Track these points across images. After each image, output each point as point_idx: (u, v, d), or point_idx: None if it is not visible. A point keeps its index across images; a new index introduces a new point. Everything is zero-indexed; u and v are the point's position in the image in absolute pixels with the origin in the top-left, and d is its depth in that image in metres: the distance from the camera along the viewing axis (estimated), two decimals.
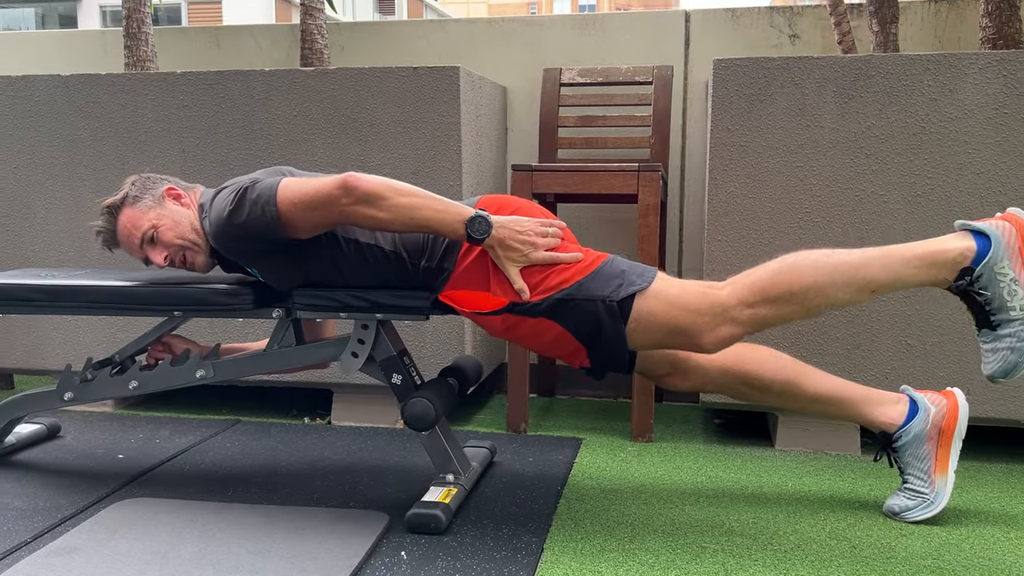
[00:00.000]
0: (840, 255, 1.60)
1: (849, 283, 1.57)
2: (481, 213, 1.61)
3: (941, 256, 1.56)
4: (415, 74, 2.27)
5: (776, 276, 1.59)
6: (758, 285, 1.59)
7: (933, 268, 1.57)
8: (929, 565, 1.56)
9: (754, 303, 1.58)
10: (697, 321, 1.59)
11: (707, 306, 1.59)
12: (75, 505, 1.83)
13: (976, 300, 1.57)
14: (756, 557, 1.59)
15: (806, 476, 2.02)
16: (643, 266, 1.67)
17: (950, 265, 1.56)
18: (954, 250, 1.56)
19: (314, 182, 1.62)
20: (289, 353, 1.89)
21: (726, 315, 1.59)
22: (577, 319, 1.63)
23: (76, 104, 2.46)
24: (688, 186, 2.75)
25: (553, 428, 2.42)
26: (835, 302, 1.59)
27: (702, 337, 1.60)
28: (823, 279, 1.57)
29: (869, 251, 1.60)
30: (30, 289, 1.88)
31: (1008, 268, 1.54)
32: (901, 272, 1.57)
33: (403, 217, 1.60)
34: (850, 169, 2.08)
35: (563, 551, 1.62)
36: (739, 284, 1.61)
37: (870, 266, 1.57)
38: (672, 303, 1.60)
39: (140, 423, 2.45)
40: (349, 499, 1.87)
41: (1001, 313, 1.55)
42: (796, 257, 1.61)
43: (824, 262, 1.59)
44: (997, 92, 1.99)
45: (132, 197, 1.82)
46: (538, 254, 1.63)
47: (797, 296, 1.58)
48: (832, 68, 2.05)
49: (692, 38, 2.73)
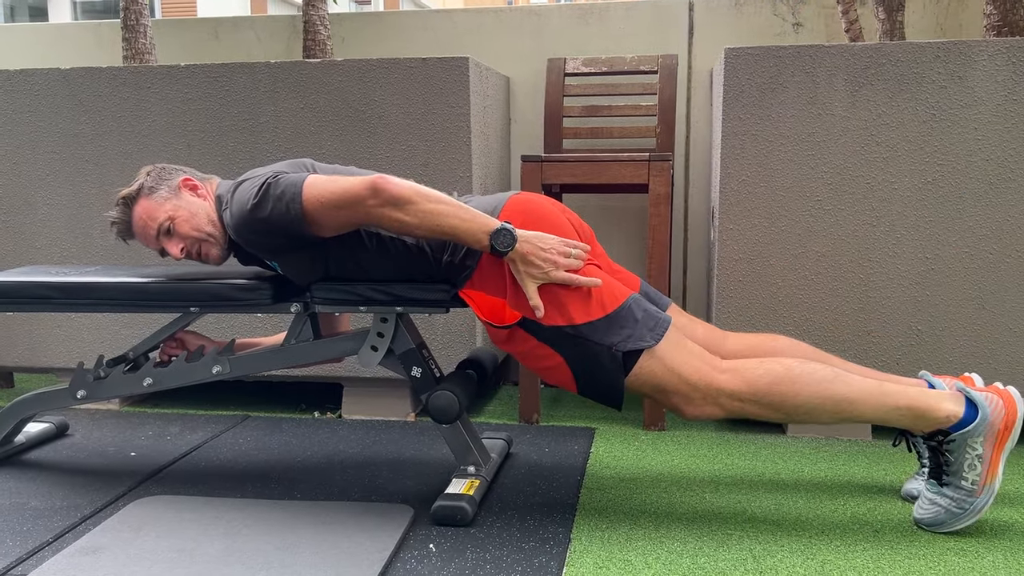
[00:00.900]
0: (839, 387, 1.61)
1: (836, 413, 1.62)
2: (507, 226, 1.60)
3: (930, 414, 1.61)
4: (424, 65, 2.25)
5: (776, 385, 1.61)
6: (757, 385, 1.61)
7: (917, 420, 1.62)
8: (952, 547, 1.58)
9: (745, 399, 1.61)
10: (689, 394, 1.62)
11: (703, 384, 1.61)
12: (93, 504, 1.82)
13: (939, 457, 1.62)
14: (781, 543, 1.60)
15: (821, 462, 2.04)
16: (657, 318, 1.65)
17: (934, 423, 1.61)
18: (943, 412, 1.61)
19: (341, 181, 1.61)
20: (307, 348, 1.88)
21: (717, 399, 1.62)
22: (579, 356, 1.63)
23: (77, 98, 2.42)
24: (692, 174, 2.75)
25: (564, 419, 2.42)
26: (815, 421, 1.64)
27: (686, 407, 1.63)
28: (815, 403, 1.61)
29: (865, 387, 1.63)
30: (44, 286, 1.85)
31: (979, 445, 1.59)
32: (888, 415, 1.63)
33: (429, 223, 1.59)
34: (860, 157, 2.09)
35: (590, 540, 1.62)
36: (739, 376, 1.62)
37: (864, 404, 1.61)
38: (673, 370, 1.62)
39: (148, 420, 2.43)
40: (370, 493, 1.87)
41: (954, 478, 1.61)
42: (802, 371, 1.62)
43: (824, 388, 1.61)
44: (1006, 79, 2.01)
45: (148, 188, 1.80)
46: (558, 274, 1.62)
47: (786, 409, 1.62)
48: (843, 56, 2.06)
49: (696, 27, 2.74)
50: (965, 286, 2.09)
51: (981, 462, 1.59)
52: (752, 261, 2.17)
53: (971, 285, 2.09)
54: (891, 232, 2.10)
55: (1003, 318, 2.09)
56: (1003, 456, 1.60)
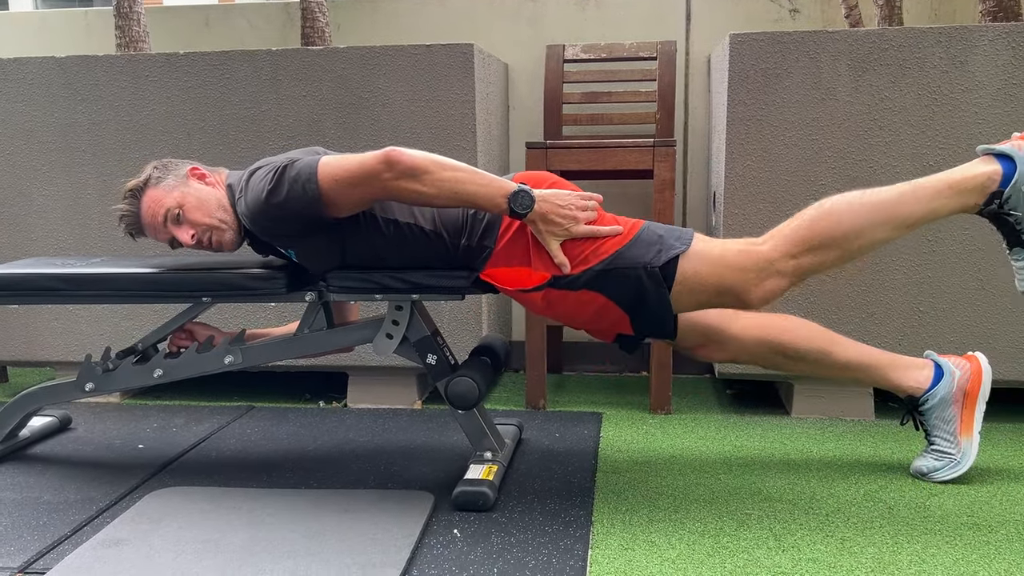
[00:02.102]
0: (873, 195, 1.60)
1: (887, 221, 1.59)
2: (524, 187, 1.61)
3: (970, 182, 1.58)
4: (428, 52, 2.24)
5: (815, 224, 1.60)
6: (799, 235, 1.60)
7: (963, 195, 1.59)
8: (965, 522, 1.61)
9: (797, 253, 1.59)
10: (743, 278, 1.60)
11: (751, 262, 1.60)
12: (108, 496, 1.80)
13: (1007, 221, 1.59)
14: (800, 521, 1.63)
15: (827, 442, 2.08)
16: (680, 229, 1.68)
17: (979, 190, 1.58)
18: (982, 175, 1.58)
19: (355, 157, 1.61)
20: (321, 337, 1.88)
21: (771, 268, 1.59)
22: (620, 288, 1.64)
23: (73, 87, 2.38)
24: (691, 160, 2.77)
25: (570, 404, 2.44)
26: (874, 242, 1.60)
27: (749, 293, 1.60)
28: (861, 220, 1.58)
29: (900, 187, 1.61)
30: (53, 278, 1.83)
31: None
32: (934, 203, 1.59)
33: (447, 191, 1.59)
34: (863, 141, 2.12)
35: (612, 523, 1.64)
36: (779, 236, 1.61)
37: (905, 202, 1.59)
38: (716, 262, 1.61)
39: (151, 412, 2.41)
40: (387, 480, 1.87)
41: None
42: (831, 202, 1.62)
43: (859, 203, 1.60)
44: (1006, 63, 2.04)
45: (155, 178, 1.78)
46: (579, 227, 1.63)
47: (838, 240, 1.59)
48: (846, 42, 2.09)
49: (693, 13, 2.75)
50: (966, 267, 2.13)
51: None
52: None
53: (972, 266, 2.13)
54: None
55: (1003, 299, 2.13)
56: None
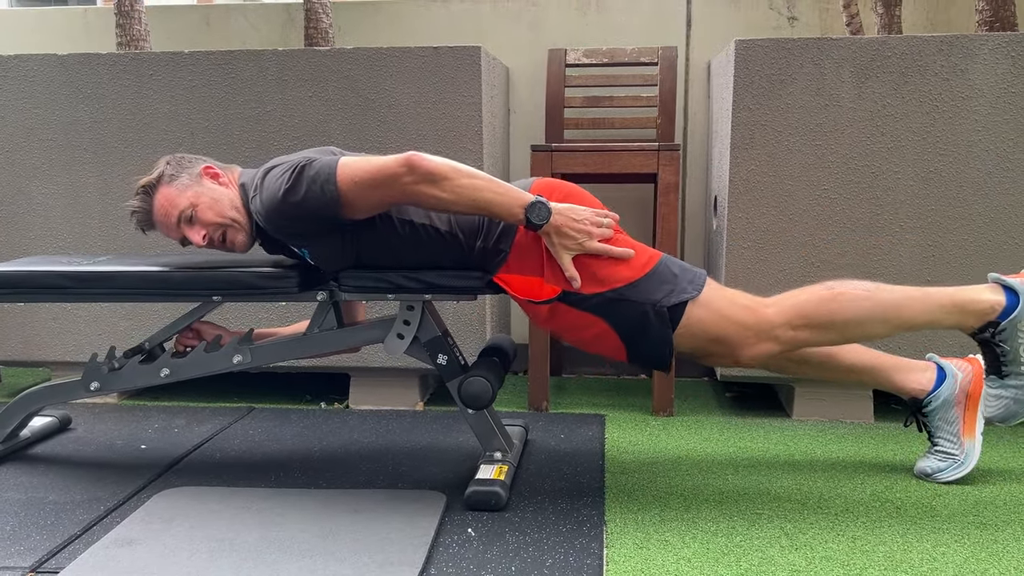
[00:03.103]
0: (884, 294, 1.66)
1: (888, 320, 1.66)
2: (541, 199, 1.62)
3: (974, 306, 1.66)
4: (435, 54, 2.25)
5: (822, 304, 1.65)
6: (805, 310, 1.64)
7: (964, 315, 1.66)
8: (972, 522, 1.64)
9: (798, 326, 1.64)
10: (742, 335, 1.64)
11: (753, 322, 1.64)
12: (115, 496, 1.79)
13: (994, 350, 1.68)
14: (811, 521, 1.65)
15: (830, 444, 2.10)
16: (693, 271, 1.69)
17: (979, 315, 1.66)
18: (986, 302, 1.66)
19: (375, 160, 1.61)
20: (331, 336, 1.87)
21: (770, 333, 1.64)
22: (625, 319, 1.65)
23: (75, 85, 2.37)
24: (690, 165, 2.80)
25: (571, 406, 2.45)
26: (871, 335, 1.68)
27: (743, 350, 1.65)
28: (864, 314, 1.64)
29: (909, 292, 1.68)
30: (60, 276, 1.81)
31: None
32: (936, 316, 1.67)
33: (465, 198, 1.60)
34: (866, 147, 2.15)
35: (625, 522, 1.65)
36: (786, 305, 1.66)
37: (910, 308, 1.65)
38: (721, 314, 1.64)
39: (150, 413, 2.39)
40: (396, 480, 1.87)
41: (1013, 366, 1.66)
42: (843, 287, 1.67)
43: (868, 297, 1.65)
44: (1005, 72, 2.08)
45: (168, 176, 1.77)
46: (592, 244, 1.64)
47: (838, 326, 1.65)
48: (849, 49, 2.12)
49: (693, 19, 2.78)
50: (964, 272, 2.17)
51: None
52: (760, 248, 2.22)
53: (970, 271, 2.16)
54: (894, 219, 2.17)
55: None
56: None
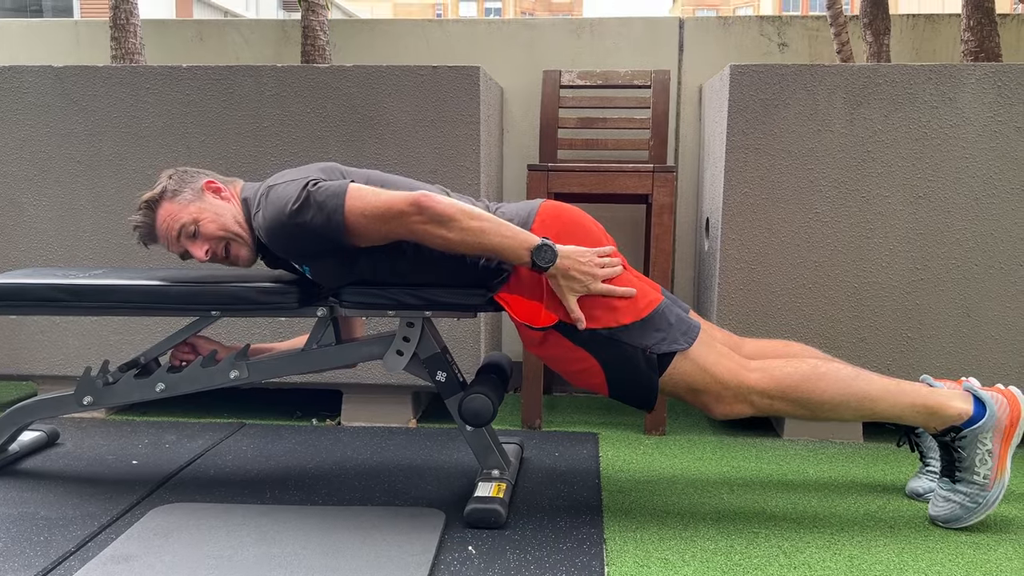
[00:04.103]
0: (861, 384, 1.71)
1: (858, 410, 1.71)
2: (547, 242, 1.63)
3: (943, 411, 1.71)
4: (434, 73, 2.27)
5: (803, 383, 1.69)
6: (785, 383, 1.68)
7: (931, 417, 1.72)
8: (965, 541, 1.67)
9: (775, 396, 1.69)
10: (721, 392, 1.68)
11: (735, 383, 1.68)
12: (108, 512, 1.77)
13: (951, 454, 1.72)
14: (807, 539, 1.67)
15: (821, 463, 2.12)
16: (689, 322, 1.72)
17: (945, 421, 1.71)
18: (955, 409, 1.70)
19: (385, 195, 1.62)
20: (330, 352, 1.87)
21: (747, 397, 1.69)
22: (614, 359, 1.68)
23: (70, 97, 2.36)
24: (681, 186, 2.83)
25: (564, 424, 2.46)
26: (838, 418, 1.73)
27: (718, 406, 1.70)
28: (839, 399, 1.69)
29: (885, 385, 1.72)
30: (55, 288, 1.80)
31: (989, 440, 1.69)
32: (904, 412, 1.72)
33: (471, 240, 1.62)
34: (857, 172, 2.19)
35: (624, 540, 1.66)
36: (768, 374, 1.69)
37: (883, 401, 1.71)
38: (706, 370, 1.68)
39: (140, 429, 2.36)
40: (393, 497, 1.86)
41: (966, 473, 1.71)
42: (827, 368, 1.71)
43: (847, 384, 1.70)
44: (992, 101, 2.14)
45: (171, 191, 1.77)
46: (597, 286, 1.66)
47: (813, 404, 1.70)
48: (842, 76, 2.17)
49: (685, 44, 2.82)
50: (953, 295, 2.21)
51: (992, 457, 1.68)
52: (753, 269, 2.25)
53: (958, 294, 2.21)
54: (884, 243, 2.21)
55: (987, 326, 2.21)
56: (1010, 452, 1.70)
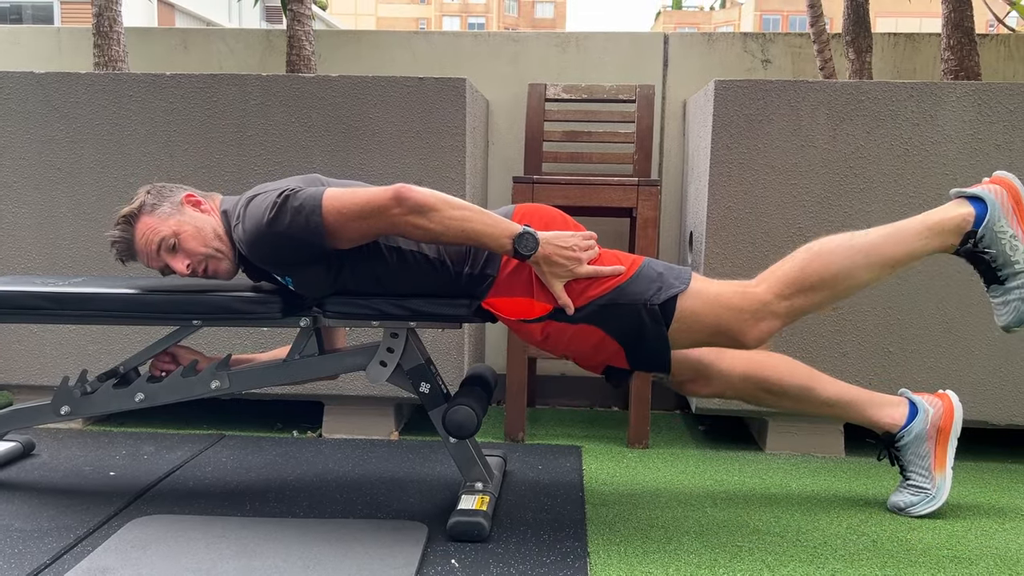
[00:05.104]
0: (858, 239, 1.70)
1: (871, 263, 1.68)
2: (528, 229, 1.63)
3: (946, 223, 1.69)
4: (420, 84, 2.27)
5: (805, 266, 1.67)
6: (790, 277, 1.67)
7: (940, 236, 1.69)
8: (946, 555, 1.67)
9: (790, 295, 1.66)
10: (740, 318, 1.66)
11: (747, 303, 1.66)
12: (84, 525, 1.74)
13: (983, 259, 1.69)
14: (791, 554, 1.67)
15: (804, 477, 2.13)
16: (678, 268, 1.73)
17: (955, 231, 1.69)
18: (956, 216, 1.69)
19: (363, 191, 1.61)
20: (312, 363, 1.86)
21: (766, 309, 1.66)
22: (619, 323, 1.67)
23: (52, 103, 2.33)
24: (665, 200, 2.84)
25: (547, 437, 2.45)
26: (861, 282, 1.69)
27: (745, 334, 1.66)
28: (848, 263, 1.67)
29: (882, 230, 1.71)
30: (36, 296, 1.77)
31: (1007, 226, 1.67)
32: (915, 244, 1.69)
33: (453, 229, 1.61)
34: (840, 187, 2.21)
35: (608, 554, 1.65)
36: (772, 279, 1.68)
37: (888, 243, 1.68)
38: (713, 302, 1.66)
39: (117, 439, 2.33)
40: (375, 510, 1.84)
41: (1007, 268, 1.69)
42: (820, 245, 1.70)
43: (847, 246, 1.68)
44: (972, 119, 2.17)
45: (150, 205, 1.75)
46: (582, 268, 1.66)
47: (828, 282, 1.67)
48: (825, 92, 2.19)
49: (670, 59, 2.84)
50: (932, 310, 2.23)
51: (1018, 240, 1.67)
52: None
53: (938, 309, 2.23)
54: None
55: (966, 341, 2.23)
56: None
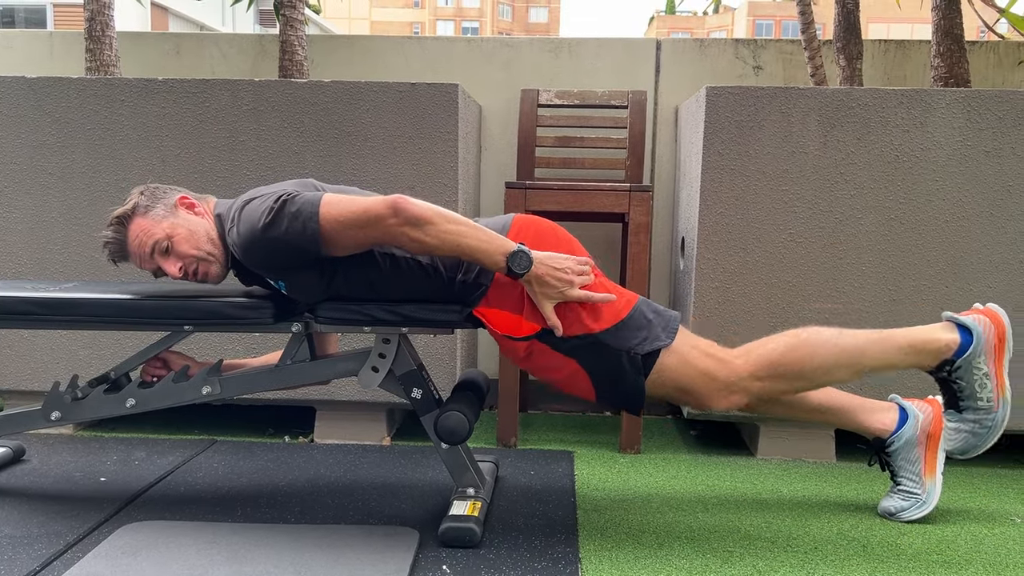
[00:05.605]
0: (846, 339, 1.72)
1: (850, 366, 1.72)
2: (523, 248, 1.63)
3: (931, 346, 1.74)
4: (412, 89, 2.27)
5: (788, 353, 1.70)
6: (771, 359, 1.69)
7: (921, 355, 1.74)
8: (936, 560, 1.68)
9: (765, 377, 1.69)
10: (712, 386, 1.68)
11: (722, 374, 1.68)
12: (75, 531, 1.73)
13: (951, 387, 1.75)
14: (781, 559, 1.67)
15: (795, 482, 2.13)
16: (667, 315, 1.72)
17: (935, 354, 1.74)
18: (941, 341, 1.74)
19: (360, 200, 1.61)
20: (304, 368, 1.85)
21: (739, 385, 1.69)
22: (599, 363, 1.68)
23: (43, 108, 2.33)
24: (657, 206, 2.85)
25: (539, 442, 2.45)
26: (835, 381, 1.74)
27: (713, 402, 1.69)
28: (831, 360, 1.70)
29: (869, 336, 1.74)
30: (26, 302, 1.77)
31: (983, 363, 1.73)
32: (894, 358, 1.74)
33: (448, 243, 1.61)
34: (831, 193, 2.22)
35: (600, 560, 1.65)
36: (753, 356, 1.70)
37: (870, 352, 1.72)
38: (692, 364, 1.68)
39: (108, 445, 2.32)
40: (366, 516, 1.84)
41: (970, 401, 1.74)
42: (808, 335, 1.73)
43: (833, 343, 1.71)
44: (962, 126, 2.18)
45: (143, 207, 1.75)
46: (573, 292, 1.66)
47: (806, 373, 1.71)
48: (816, 99, 2.20)
49: (662, 65, 2.85)
50: (923, 317, 2.24)
51: (989, 379, 1.71)
52: (727, 288, 2.27)
53: (928, 316, 2.24)
54: (857, 264, 2.24)
55: None
56: (1005, 368, 1.73)
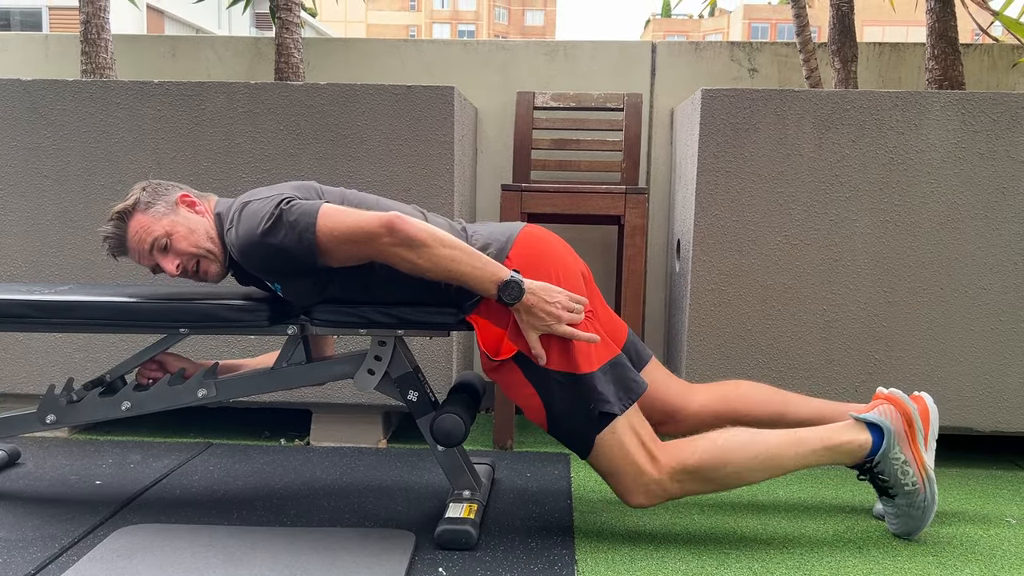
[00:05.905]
0: (759, 443, 1.72)
1: (765, 468, 1.73)
2: (515, 278, 1.63)
3: (843, 447, 1.75)
4: (408, 92, 2.27)
5: (705, 458, 1.70)
6: (689, 464, 1.69)
7: (837, 456, 1.76)
8: (931, 561, 1.68)
9: (683, 479, 1.70)
10: (637, 481, 1.69)
11: (648, 473, 1.68)
12: (69, 534, 1.73)
13: (877, 482, 1.78)
14: (778, 560, 1.67)
15: (791, 485, 2.14)
16: (631, 383, 1.70)
17: (850, 455, 1.76)
18: (855, 443, 1.75)
19: (356, 215, 1.61)
20: (300, 371, 1.85)
21: (660, 487, 1.69)
22: (558, 402, 1.68)
23: (39, 111, 2.33)
24: (652, 208, 2.85)
25: (534, 444, 2.45)
26: (749, 481, 1.74)
27: (632, 497, 1.70)
28: (744, 465, 1.71)
29: (784, 437, 1.74)
30: (22, 305, 1.76)
31: (899, 453, 1.75)
32: (810, 459, 1.75)
33: (440, 267, 1.61)
34: (826, 196, 2.23)
35: (596, 562, 1.65)
36: (677, 459, 1.69)
37: (785, 454, 1.73)
38: (626, 452, 1.68)
39: (104, 448, 2.32)
40: (362, 519, 1.84)
41: (897, 488, 1.77)
42: (725, 439, 1.72)
43: (747, 447, 1.71)
44: (956, 128, 2.19)
45: (144, 203, 1.75)
46: (560, 327, 1.65)
47: (719, 478, 1.71)
48: (811, 101, 2.20)
49: (657, 68, 2.86)
50: (918, 318, 2.24)
51: (909, 465, 1.74)
52: (723, 290, 2.27)
53: (923, 318, 2.24)
54: (852, 266, 2.24)
55: (951, 348, 2.25)
56: (921, 447, 1.76)
